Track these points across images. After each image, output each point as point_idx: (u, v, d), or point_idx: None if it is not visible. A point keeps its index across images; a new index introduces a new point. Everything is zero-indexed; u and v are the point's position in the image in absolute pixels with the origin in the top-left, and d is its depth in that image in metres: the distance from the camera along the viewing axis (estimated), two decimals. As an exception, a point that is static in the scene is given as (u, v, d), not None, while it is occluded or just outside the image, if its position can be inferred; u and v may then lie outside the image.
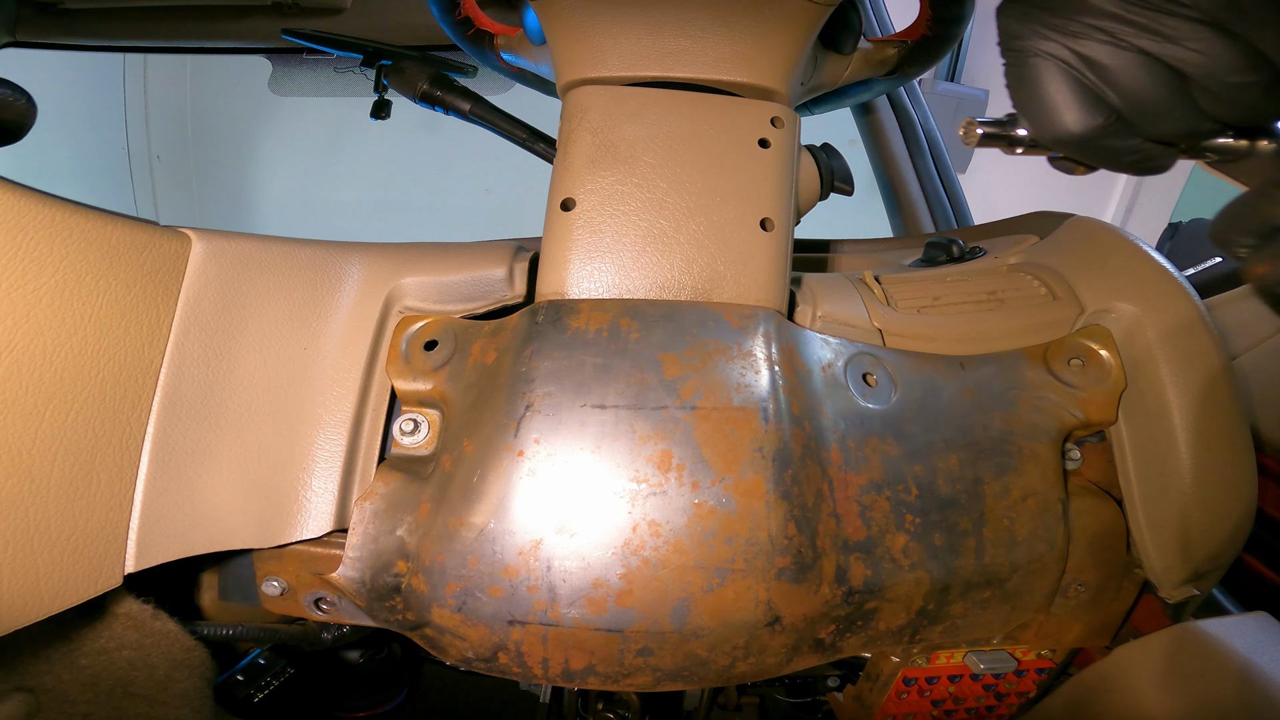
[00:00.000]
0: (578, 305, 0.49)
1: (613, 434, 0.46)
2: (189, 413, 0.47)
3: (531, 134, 0.71)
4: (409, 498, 0.49)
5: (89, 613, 0.47)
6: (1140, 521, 0.54)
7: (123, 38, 1.36)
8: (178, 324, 0.46)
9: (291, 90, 1.53)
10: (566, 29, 0.56)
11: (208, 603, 0.55)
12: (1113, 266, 0.56)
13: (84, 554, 0.42)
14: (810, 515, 0.46)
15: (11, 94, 0.44)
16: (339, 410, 0.50)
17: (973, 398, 0.53)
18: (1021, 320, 0.56)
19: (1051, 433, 0.53)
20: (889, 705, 0.63)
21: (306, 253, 0.52)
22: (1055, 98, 0.40)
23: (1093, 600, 0.55)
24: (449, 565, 0.46)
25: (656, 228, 0.51)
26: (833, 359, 0.51)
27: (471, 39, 0.77)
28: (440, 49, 1.04)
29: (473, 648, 0.47)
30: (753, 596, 0.45)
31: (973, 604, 0.52)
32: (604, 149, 0.52)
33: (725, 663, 0.48)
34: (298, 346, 0.50)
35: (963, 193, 1.26)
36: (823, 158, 0.61)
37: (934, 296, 0.58)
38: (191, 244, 0.47)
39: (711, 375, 0.47)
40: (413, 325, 0.53)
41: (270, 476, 0.48)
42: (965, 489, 0.51)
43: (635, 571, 0.45)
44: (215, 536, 0.47)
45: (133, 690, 0.47)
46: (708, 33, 0.54)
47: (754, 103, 0.54)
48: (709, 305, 0.50)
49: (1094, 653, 0.64)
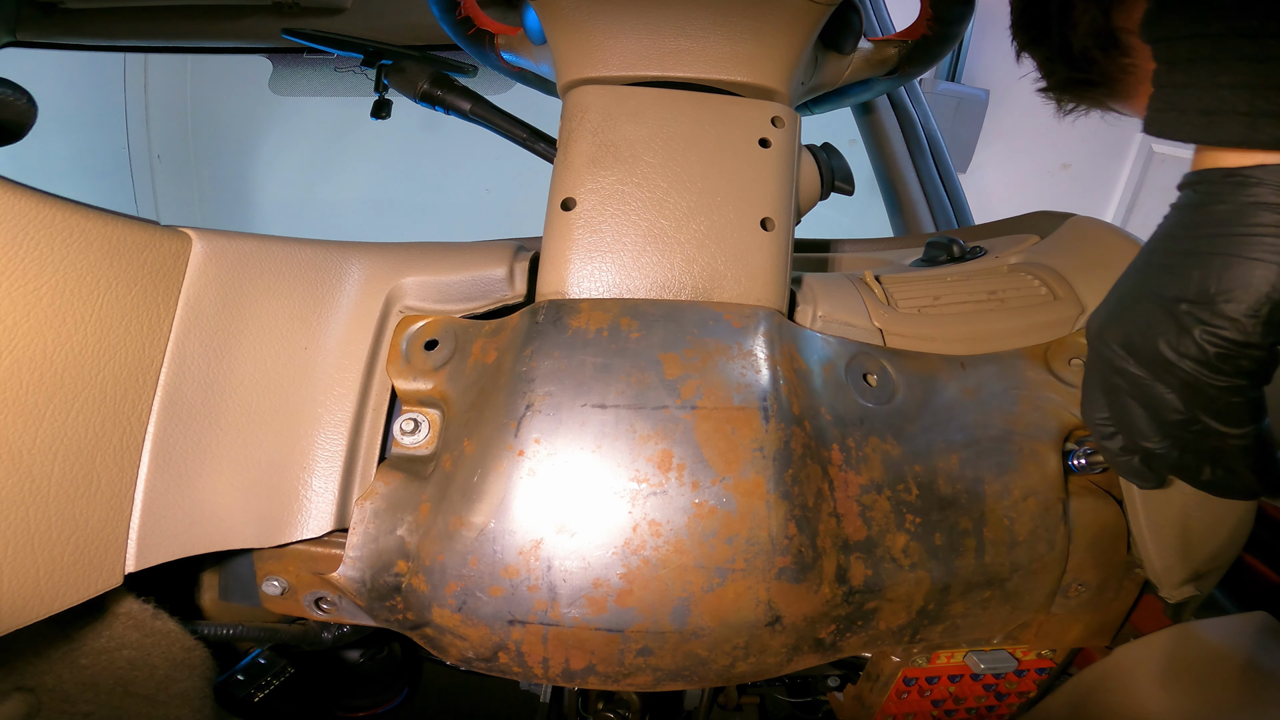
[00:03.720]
0: (578, 305, 0.49)
1: (613, 434, 0.46)
2: (189, 412, 0.47)
3: (531, 134, 0.71)
4: (409, 497, 0.49)
5: (89, 612, 0.47)
6: (1140, 521, 0.54)
7: (123, 38, 1.36)
8: (178, 323, 0.46)
9: (291, 90, 1.53)
10: (567, 29, 0.56)
11: (208, 602, 0.55)
12: (1114, 266, 0.56)
13: (84, 554, 0.42)
14: (810, 515, 0.46)
15: (11, 94, 0.43)
16: (339, 410, 0.50)
17: (973, 397, 0.53)
18: (1022, 320, 0.56)
19: (1052, 432, 0.53)
20: (889, 705, 0.63)
21: (307, 252, 0.52)
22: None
23: (1093, 600, 0.55)
24: (449, 565, 0.46)
25: (657, 227, 0.51)
26: (833, 359, 0.51)
27: (472, 39, 0.77)
28: (440, 49, 1.04)
29: (473, 647, 0.47)
30: (753, 596, 0.45)
31: (973, 604, 0.52)
32: (604, 149, 0.52)
33: (725, 662, 0.48)
34: (298, 346, 0.50)
35: (963, 193, 1.26)
36: (823, 157, 0.61)
37: (934, 296, 0.58)
38: (192, 243, 0.47)
39: (712, 375, 0.47)
40: (413, 325, 0.53)
41: (270, 476, 0.48)
42: (966, 489, 0.51)
43: (635, 571, 0.45)
44: (215, 536, 0.47)
45: (133, 690, 0.47)
46: (708, 32, 0.54)
47: (754, 102, 0.54)
48: (709, 305, 0.50)
49: (1094, 653, 0.64)
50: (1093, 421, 0.47)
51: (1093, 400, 0.47)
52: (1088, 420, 0.48)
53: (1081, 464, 0.54)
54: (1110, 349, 0.44)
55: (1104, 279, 0.56)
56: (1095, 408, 0.47)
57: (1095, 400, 0.47)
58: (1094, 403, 0.47)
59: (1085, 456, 0.54)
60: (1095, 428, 0.47)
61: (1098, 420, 0.47)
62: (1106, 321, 0.45)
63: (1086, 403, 0.48)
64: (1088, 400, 0.48)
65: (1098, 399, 0.47)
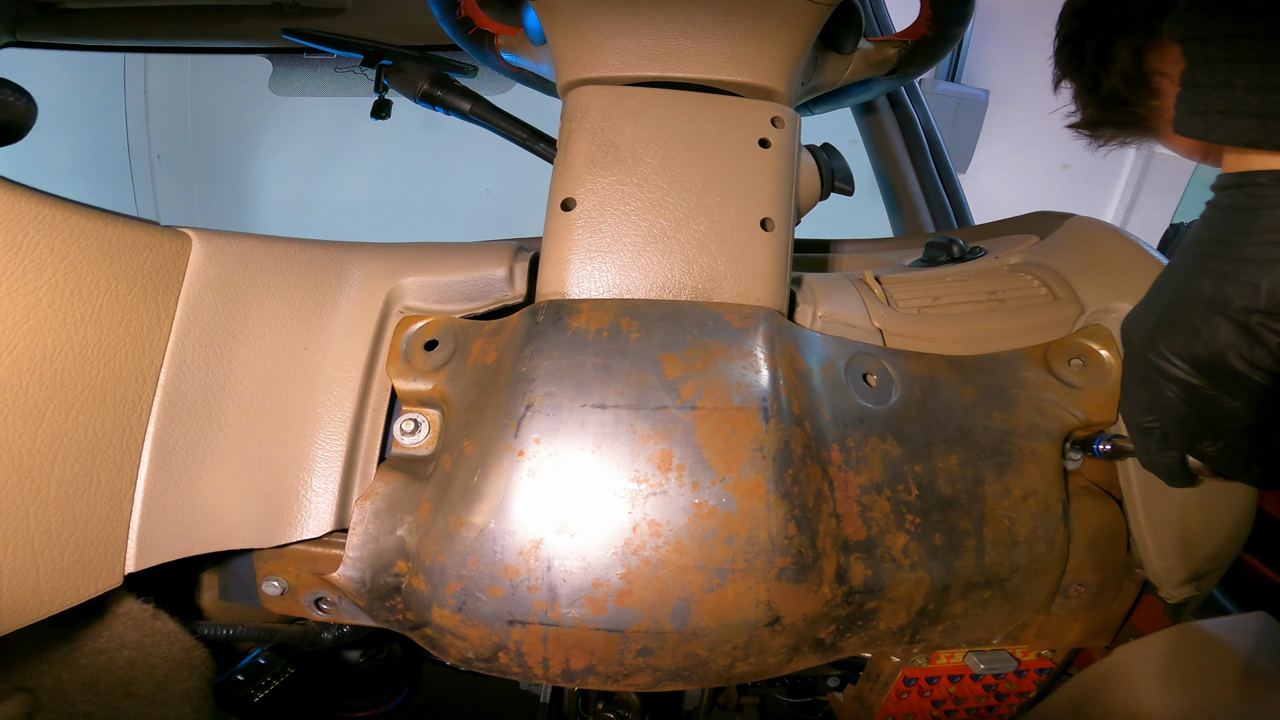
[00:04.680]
0: (578, 305, 0.49)
1: (613, 434, 0.46)
2: (189, 412, 0.47)
3: (531, 134, 0.71)
4: (409, 498, 0.49)
5: (89, 613, 0.47)
6: (1140, 521, 0.54)
7: (123, 38, 1.35)
8: (178, 324, 0.46)
9: (291, 90, 1.53)
10: (567, 29, 0.56)
11: (208, 603, 0.55)
12: (1113, 266, 0.56)
13: (84, 554, 0.42)
14: (810, 515, 0.46)
15: (11, 94, 0.44)
16: (339, 410, 0.50)
17: (973, 398, 0.53)
18: (1022, 320, 0.56)
19: (1052, 433, 0.53)
20: (889, 705, 0.63)
21: (307, 253, 0.52)
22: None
23: (1093, 600, 0.55)
24: (449, 565, 0.46)
25: (657, 228, 0.51)
26: (833, 359, 0.51)
27: (472, 39, 0.77)
28: (440, 49, 1.04)
29: (473, 647, 0.47)
30: (753, 596, 0.45)
31: (973, 604, 0.52)
32: (604, 149, 0.52)
33: (725, 663, 0.48)
34: (298, 346, 0.50)
35: (963, 193, 1.26)
36: (823, 157, 0.61)
37: (934, 296, 0.58)
38: (192, 244, 0.47)
39: (712, 375, 0.47)
40: (413, 325, 0.53)
41: (270, 476, 0.48)
42: (966, 489, 0.51)
43: (635, 571, 0.45)
44: (215, 536, 0.47)
45: (133, 690, 0.47)
46: (708, 33, 0.54)
47: (754, 103, 0.54)
48: (709, 305, 0.50)
49: (1094, 653, 0.64)
50: (1137, 425, 0.47)
51: (1135, 402, 0.46)
52: (1129, 422, 0.47)
53: (1107, 449, 0.53)
54: (1165, 359, 0.43)
55: (1104, 279, 0.56)
56: (1138, 410, 0.46)
57: (1138, 402, 0.46)
58: (1137, 405, 0.46)
59: (1111, 443, 0.53)
60: (1138, 429, 0.46)
61: (1144, 424, 0.46)
62: (1158, 329, 0.44)
63: (1127, 404, 0.47)
64: (1129, 402, 0.47)
65: (1141, 401, 0.46)
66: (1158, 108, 0.52)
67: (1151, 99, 0.52)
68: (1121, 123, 0.55)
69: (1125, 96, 0.52)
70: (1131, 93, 0.52)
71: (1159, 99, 0.51)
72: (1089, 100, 0.56)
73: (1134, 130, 0.55)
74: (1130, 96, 0.52)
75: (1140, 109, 0.52)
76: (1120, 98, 0.53)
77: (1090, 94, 0.55)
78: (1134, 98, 0.52)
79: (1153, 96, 0.51)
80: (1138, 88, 0.52)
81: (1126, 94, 0.52)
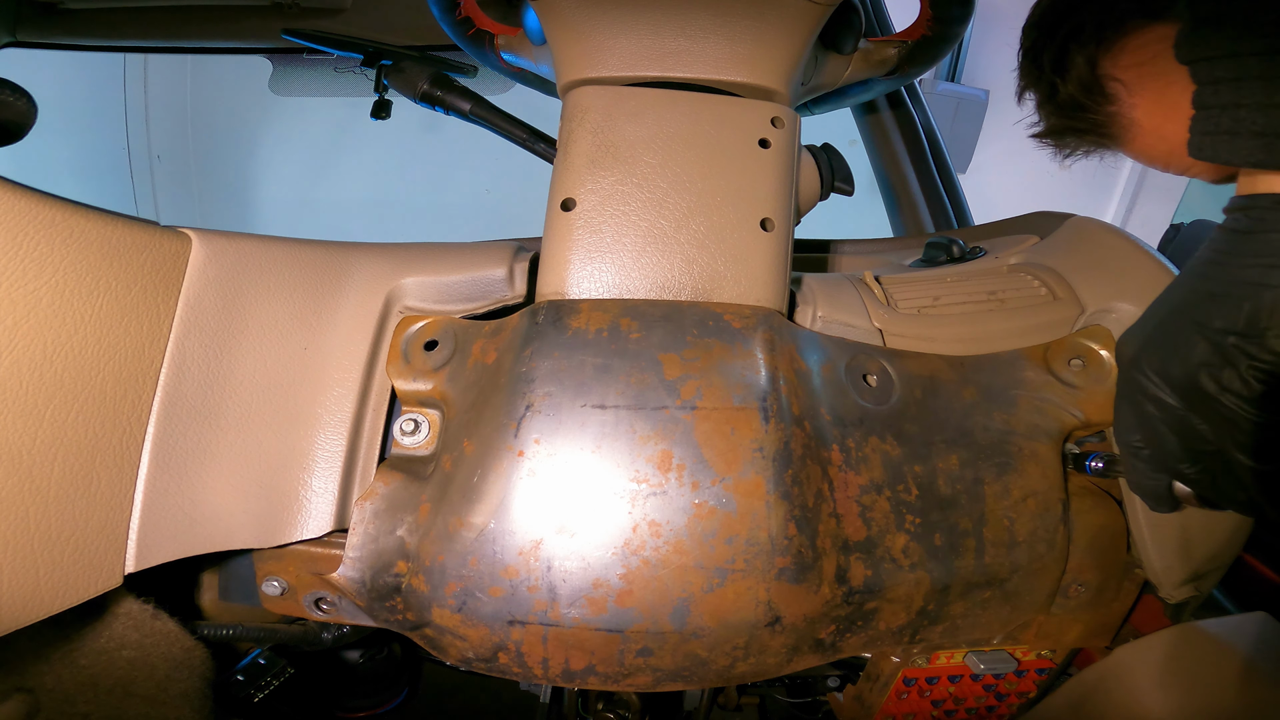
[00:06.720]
0: (578, 305, 0.49)
1: (613, 434, 0.46)
2: (189, 413, 0.47)
3: (531, 134, 0.71)
4: (409, 498, 0.49)
5: (89, 613, 0.47)
6: (1140, 521, 0.54)
7: (123, 38, 1.35)
8: (178, 324, 0.46)
9: (291, 90, 1.53)
10: (567, 29, 0.56)
11: (208, 603, 0.55)
12: (1113, 267, 0.56)
13: (84, 554, 0.42)
14: (810, 515, 0.46)
15: (11, 94, 0.43)
16: (339, 410, 0.50)
17: (973, 398, 0.53)
18: (1022, 320, 0.56)
19: (1052, 433, 0.53)
20: (889, 705, 0.63)
21: (307, 253, 0.52)
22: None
23: (1093, 600, 0.55)
24: (449, 565, 0.46)
25: (657, 228, 0.51)
26: (833, 359, 0.51)
27: (472, 39, 0.77)
28: (440, 49, 1.04)
29: (473, 648, 0.47)
30: (753, 597, 0.45)
31: (973, 604, 0.52)
32: (604, 149, 0.52)
33: (725, 663, 0.48)
34: (298, 346, 0.50)
35: (963, 193, 1.26)
36: (823, 158, 0.61)
37: (934, 297, 0.58)
38: (192, 244, 0.47)
39: (712, 375, 0.47)
40: (413, 325, 0.53)
41: (270, 476, 0.48)
42: (965, 489, 0.51)
43: (635, 572, 0.45)
44: (215, 536, 0.47)
45: (133, 690, 0.47)
46: (708, 33, 0.54)
47: (754, 103, 0.54)
48: (709, 305, 0.50)
49: (1094, 653, 0.64)
50: (1128, 444, 0.47)
51: (1125, 423, 0.47)
52: (1121, 442, 0.48)
53: (1099, 467, 0.53)
54: (1146, 376, 0.43)
55: (1104, 279, 0.56)
56: (1128, 430, 0.47)
57: (1128, 423, 0.47)
58: (1127, 425, 0.47)
59: (1103, 461, 0.53)
60: (1129, 449, 0.47)
61: (1133, 444, 0.46)
62: (1144, 347, 0.44)
63: (1119, 425, 0.48)
64: (1120, 423, 0.48)
65: (1127, 420, 0.46)
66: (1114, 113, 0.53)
67: (1107, 104, 0.53)
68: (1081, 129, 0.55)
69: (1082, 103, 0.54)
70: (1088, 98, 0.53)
71: (1114, 104, 0.52)
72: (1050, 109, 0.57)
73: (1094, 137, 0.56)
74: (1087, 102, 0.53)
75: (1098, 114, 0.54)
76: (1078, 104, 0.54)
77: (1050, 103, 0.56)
78: (1091, 103, 0.53)
79: (1108, 102, 0.52)
80: (1093, 93, 0.53)
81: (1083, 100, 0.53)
